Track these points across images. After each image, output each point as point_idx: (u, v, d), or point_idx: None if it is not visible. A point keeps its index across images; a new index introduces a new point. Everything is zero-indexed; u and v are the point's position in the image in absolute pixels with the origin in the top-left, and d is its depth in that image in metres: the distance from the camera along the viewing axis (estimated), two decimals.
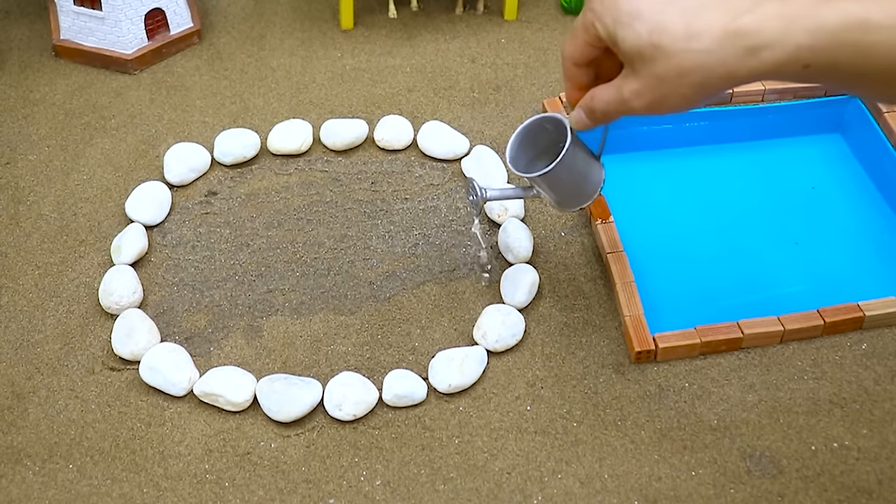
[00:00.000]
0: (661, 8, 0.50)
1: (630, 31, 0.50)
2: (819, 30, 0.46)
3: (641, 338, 0.74)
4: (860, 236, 0.87)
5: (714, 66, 0.48)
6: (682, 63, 0.49)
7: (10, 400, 0.72)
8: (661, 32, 0.49)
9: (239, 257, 0.83)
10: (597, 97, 0.57)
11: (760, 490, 0.67)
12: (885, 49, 0.44)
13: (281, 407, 0.70)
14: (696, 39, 0.48)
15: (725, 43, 0.48)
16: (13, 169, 0.92)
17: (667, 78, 0.50)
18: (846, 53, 0.45)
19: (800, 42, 0.46)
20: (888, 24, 0.44)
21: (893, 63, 0.45)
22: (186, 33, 1.06)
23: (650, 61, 0.50)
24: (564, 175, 0.66)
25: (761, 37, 0.47)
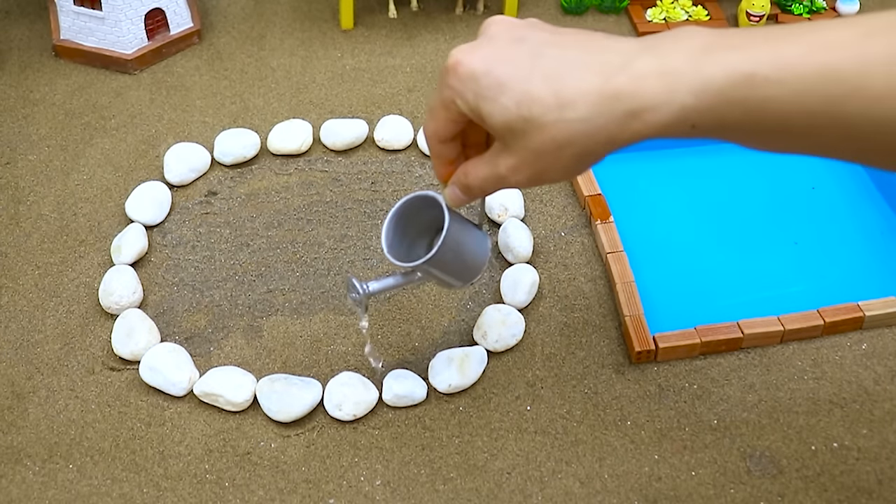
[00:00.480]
0: (524, 76, 0.45)
1: (496, 105, 0.46)
2: (704, 89, 0.42)
3: (641, 338, 0.74)
4: (860, 236, 0.87)
5: (593, 134, 0.44)
6: (558, 135, 0.44)
7: (10, 400, 0.72)
8: (530, 104, 0.44)
9: (239, 257, 0.83)
10: (471, 174, 0.52)
11: (760, 490, 0.67)
12: (775, 105, 0.41)
13: (281, 407, 0.70)
14: (569, 108, 0.44)
15: (603, 108, 0.43)
16: (13, 169, 0.92)
17: (544, 151, 0.46)
18: (735, 111, 0.42)
19: (685, 103, 0.42)
20: (777, 77, 0.41)
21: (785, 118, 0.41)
22: (186, 33, 1.06)
23: (523, 136, 0.46)
24: (448, 256, 0.60)
25: (642, 99, 0.43)
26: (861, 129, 0.41)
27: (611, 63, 0.44)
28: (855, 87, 0.40)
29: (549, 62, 0.45)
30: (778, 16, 1.14)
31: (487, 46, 0.47)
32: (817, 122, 0.41)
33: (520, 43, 0.47)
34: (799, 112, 0.41)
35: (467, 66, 0.46)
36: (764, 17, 1.09)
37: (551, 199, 0.88)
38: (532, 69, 0.45)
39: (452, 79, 0.47)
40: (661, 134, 0.44)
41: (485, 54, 0.47)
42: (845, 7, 1.14)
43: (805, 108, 0.41)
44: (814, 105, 0.41)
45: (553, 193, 0.89)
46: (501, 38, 0.48)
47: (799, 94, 0.41)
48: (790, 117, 0.41)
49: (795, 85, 0.41)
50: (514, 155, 0.48)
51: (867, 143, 0.42)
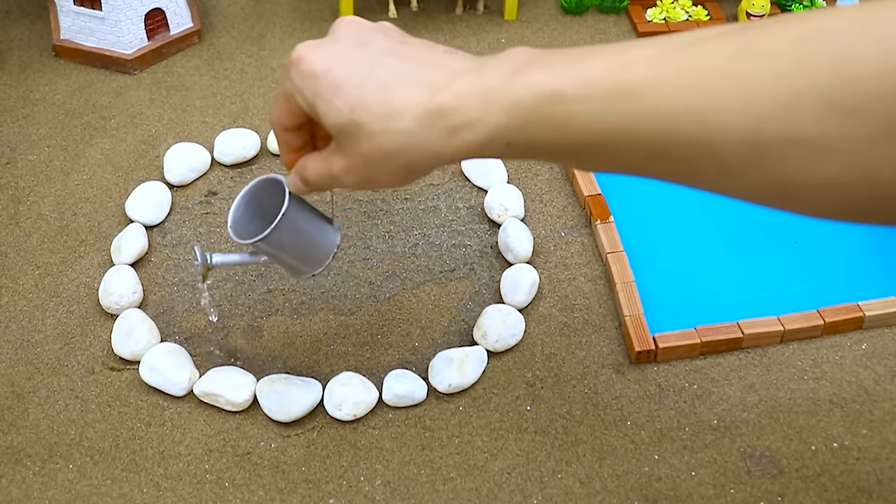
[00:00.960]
0: (360, 82, 0.46)
1: (331, 107, 0.47)
2: (514, 107, 0.43)
3: (641, 338, 0.74)
4: (860, 236, 0.87)
5: (417, 148, 0.46)
6: (384, 145, 0.46)
7: (10, 400, 0.72)
8: (361, 111, 0.46)
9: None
10: (309, 167, 0.54)
11: (760, 490, 0.67)
12: (580, 121, 0.42)
13: (281, 407, 0.70)
14: (396, 119, 0.45)
15: (426, 122, 0.45)
16: (13, 169, 0.92)
17: (372, 159, 0.47)
18: (543, 129, 0.43)
19: (498, 121, 0.43)
20: (579, 95, 0.41)
21: (590, 135, 0.42)
22: (186, 33, 1.06)
23: (354, 140, 0.47)
24: (286, 240, 0.61)
25: (460, 116, 0.44)
26: (660, 146, 0.41)
27: (438, 80, 0.45)
28: (651, 104, 0.40)
29: (385, 72, 0.46)
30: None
31: (332, 46, 0.49)
32: (620, 139, 0.42)
33: (363, 47, 0.48)
34: (602, 130, 0.42)
35: (308, 64, 0.48)
36: (764, 17, 1.09)
37: (551, 199, 0.88)
38: (368, 76, 0.46)
39: (294, 74, 0.49)
40: (481, 153, 0.46)
41: (327, 54, 0.48)
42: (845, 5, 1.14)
43: (607, 126, 0.41)
44: (615, 122, 0.41)
45: (553, 193, 0.89)
46: (347, 39, 0.49)
47: (600, 110, 0.41)
48: (594, 135, 0.42)
49: (597, 101, 0.41)
50: (346, 157, 0.49)
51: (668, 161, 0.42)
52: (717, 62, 0.39)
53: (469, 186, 0.90)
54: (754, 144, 0.39)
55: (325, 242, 0.65)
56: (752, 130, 0.38)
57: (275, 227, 0.59)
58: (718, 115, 0.39)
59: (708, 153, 0.40)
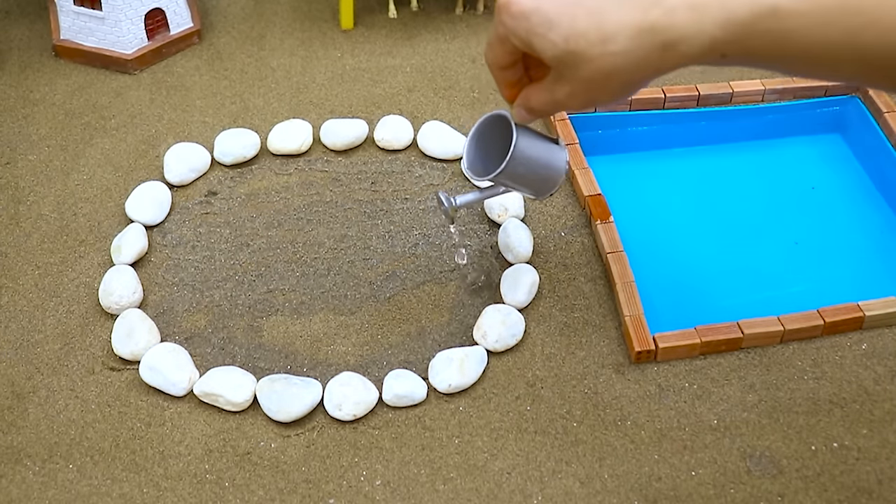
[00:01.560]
0: (571, 12, 0.49)
1: (546, 41, 0.50)
2: (730, 21, 0.45)
3: (641, 338, 0.74)
4: (860, 236, 0.87)
5: (635, 65, 0.48)
6: (604, 66, 0.49)
7: (10, 400, 0.72)
8: (576, 38, 0.48)
9: (239, 257, 0.83)
10: (533, 99, 0.57)
11: (760, 490, 0.67)
12: (798, 36, 0.44)
13: (281, 407, 0.70)
14: (611, 41, 0.48)
15: (641, 41, 0.47)
16: (13, 169, 0.92)
17: (593, 80, 0.50)
18: (760, 42, 0.45)
19: (714, 35, 0.46)
20: (798, 9, 0.44)
21: (808, 48, 0.44)
22: (186, 33, 1.06)
23: (573, 67, 0.50)
24: (521, 168, 0.65)
25: (675, 32, 0.46)
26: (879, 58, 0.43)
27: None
28: (872, 19, 0.42)
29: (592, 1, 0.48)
30: None
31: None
32: (838, 51, 0.44)
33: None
34: (820, 42, 0.44)
35: (517, 5, 0.50)
36: None
37: (551, 200, 0.88)
38: (577, 5, 0.48)
39: (505, 16, 0.51)
40: (696, 62, 0.48)
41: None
42: None
43: (826, 39, 0.44)
44: (834, 35, 0.43)
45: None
46: None
47: (820, 25, 0.44)
48: (812, 47, 0.44)
49: (817, 17, 0.44)
50: (568, 83, 0.52)
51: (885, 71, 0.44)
52: None
53: (469, 186, 0.90)
54: None
55: (556, 162, 0.68)
56: None
57: (508, 160, 0.63)
58: None
59: None
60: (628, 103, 0.94)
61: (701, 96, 0.95)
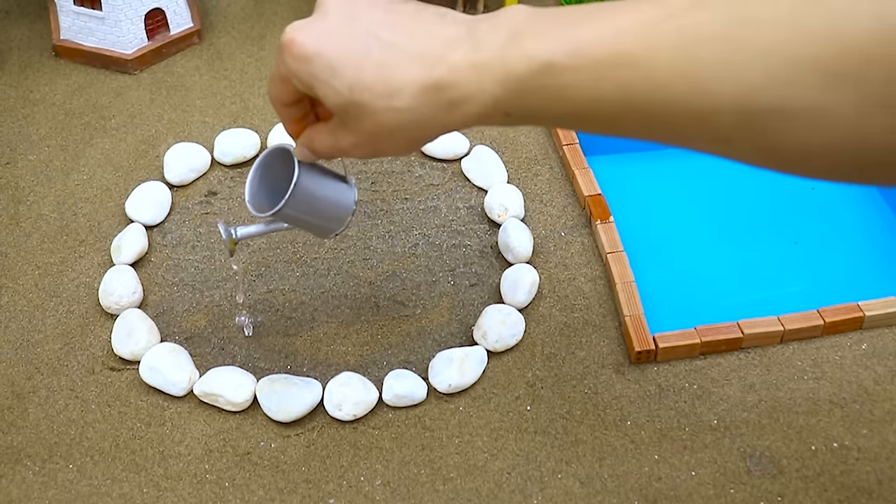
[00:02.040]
0: (357, 63, 0.46)
1: (329, 88, 0.47)
2: (508, 79, 0.44)
3: (641, 338, 0.74)
4: (860, 236, 0.87)
5: (420, 121, 0.47)
6: (388, 122, 0.47)
7: (10, 400, 0.72)
8: (361, 90, 0.46)
9: (239, 257, 0.83)
10: (316, 141, 0.54)
11: (760, 490, 0.67)
12: (573, 92, 0.42)
13: (281, 407, 0.70)
14: (396, 97, 0.46)
15: (426, 98, 0.45)
16: (13, 169, 0.92)
17: (378, 134, 0.48)
18: (538, 99, 0.44)
19: (495, 94, 0.44)
20: (572, 65, 0.42)
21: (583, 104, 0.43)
22: (186, 33, 1.06)
23: (356, 118, 0.48)
24: (303, 206, 0.62)
25: (458, 91, 0.45)
26: (654, 114, 0.41)
27: (433, 52, 0.45)
28: (644, 73, 0.40)
29: (380, 48, 0.46)
30: None
31: (321, 23, 0.48)
32: (614, 107, 0.42)
33: (353, 21, 0.47)
34: (596, 98, 0.42)
35: (300, 47, 0.48)
36: None
37: (551, 199, 0.88)
38: (364, 54, 0.46)
39: (287, 57, 0.49)
40: (482, 122, 0.47)
41: (318, 33, 0.48)
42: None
43: (601, 95, 0.42)
44: (609, 92, 0.42)
45: (553, 193, 0.89)
46: (336, 14, 0.48)
47: (594, 80, 0.42)
48: (589, 103, 0.43)
49: (591, 72, 0.42)
50: (352, 134, 0.50)
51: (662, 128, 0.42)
52: (710, 29, 0.39)
53: (469, 186, 0.90)
54: (745, 114, 0.39)
55: (342, 201, 0.65)
56: (744, 100, 0.38)
57: (289, 197, 0.60)
58: (711, 84, 0.39)
59: (700, 121, 0.40)
60: None
61: None
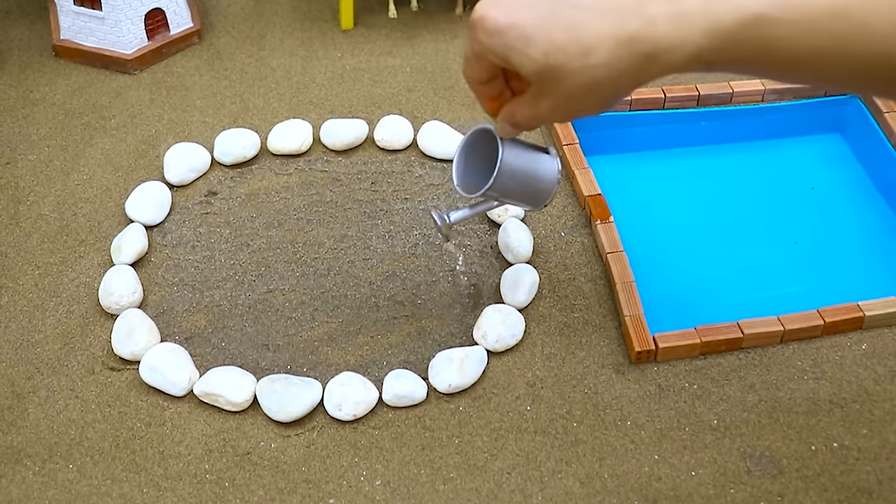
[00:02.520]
0: (548, 26, 0.47)
1: (524, 57, 0.48)
2: (716, 30, 0.44)
3: (641, 338, 0.74)
4: (860, 236, 0.87)
5: (617, 76, 0.47)
6: (585, 80, 0.47)
7: (10, 400, 0.72)
8: (556, 53, 0.47)
9: (239, 257, 0.83)
10: (517, 114, 0.55)
11: (760, 490, 0.67)
12: (785, 43, 0.43)
13: (281, 407, 0.70)
14: (592, 55, 0.46)
15: (622, 53, 0.46)
16: (13, 169, 0.92)
17: (576, 95, 0.49)
18: (747, 50, 0.44)
19: (699, 43, 0.44)
20: (785, 17, 0.43)
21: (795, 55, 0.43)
22: (186, 33, 1.06)
23: (554, 81, 0.49)
24: (510, 182, 0.64)
25: (657, 42, 0.45)
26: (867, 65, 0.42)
27: (625, 7, 0.45)
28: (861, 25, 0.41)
29: (569, 10, 0.47)
30: None
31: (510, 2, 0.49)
32: (826, 58, 0.43)
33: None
34: (808, 49, 0.43)
35: (492, 21, 0.48)
36: None
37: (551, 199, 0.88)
38: (553, 19, 0.47)
39: (480, 33, 0.49)
40: (681, 71, 0.47)
41: (507, 6, 0.48)
42: None
43: (814, 46, 0.43)
44: (822, 43, 0.42)
45: None
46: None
47: (807, 32, 0.42)
48: (800, 54, 0.43)
49: (804, 24, 0.42)
50: (550, 97, 0.50)
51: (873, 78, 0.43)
52: None
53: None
54: None
55: (546, 172, 0.66)
56: None
57: (496, 175, 0.62)
58: None
59: None
60: (628, 103, 0.94)
61: (701, 96, 0.95)
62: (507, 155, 0.63)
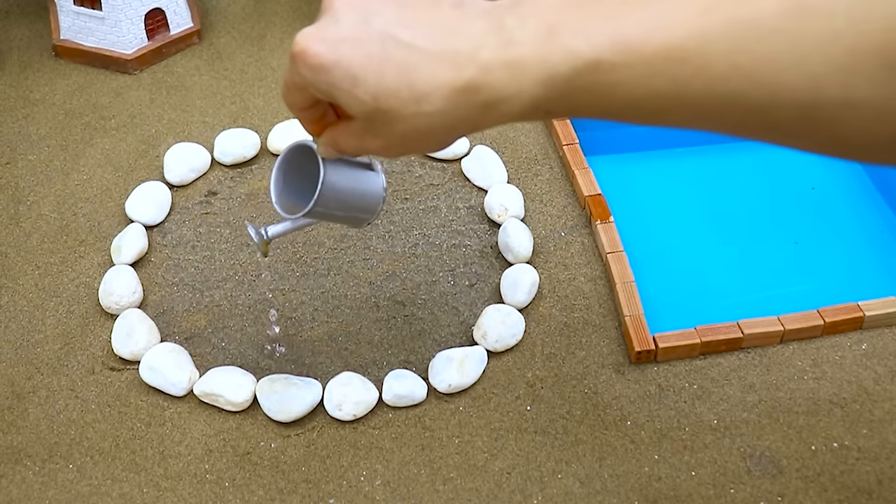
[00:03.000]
0: (377, 68, 0.43)
1: (351, 97, 0.45)
2: (552, 78, 0.41)
3: (641, 338, 0.74)
4: (860, 236, 0.87)
5: (453, 124, 0.44)
6: (420, 126, 0.45)
7: (10, 400, 0.72)
8: (386, 97, 0.44)
9: (239, 257, 0.83)
10: (341, 142, 0.52)
11: (760, 490, 0.67)
12: (623, 89, 0.41)
13: (281, 407, 0.70)
14: (425, 102, 0.43)
15: (458, 101, 0.43)
16: (13, 169, 0.92)
17: (408, 137, 0.46)
18: (585, 97, 0.42)
19: (535, 93, 0.42)
20: (622, 61, 0.40)
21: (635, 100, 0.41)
22: (186, 33, 1.06)
23: (384, 124, 0.46)
24: (332, 203, 0.60)
25: (493, 91, 0.42)
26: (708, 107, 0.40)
27: (460, 51, 0.42)
28: (699, 68, 0.39)
29: (399, 51, 0.43)
30: None
31: (333, 28, 0.45)
32: (666, 102, 0.41)
33: (367, 23, 0.44)
34: (647, 94, 0.41)
35: (315, 57, 0.44)
36: None
37: (551, 199, 0.88)
38: (383, 60, 0.43)
39: (302, 68, 0.45)
40: (519, 120, 0.45)
41: (332, 40, 0.44)
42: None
43: (653, 91, 0.40)
44: (661, 86, 0.40)
45: (553, 193, 0.89)
46: (347, 16, 0.45)
47: (644, 77, 0.40)
48: (639, 99, 0.41)
49: (641, 68, 0.40)
50: (380, 138, 0.47)
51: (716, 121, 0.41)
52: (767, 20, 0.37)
53: (469, 186, 0.90)
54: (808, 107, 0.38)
55: (371, 190, 0.63)
56: (807, 92, 0.37)
57: (318, 196, 0.58)
58: (770, 77, 0.38)
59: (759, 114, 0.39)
60: None
61: None
62: (330, 175, 0.58)
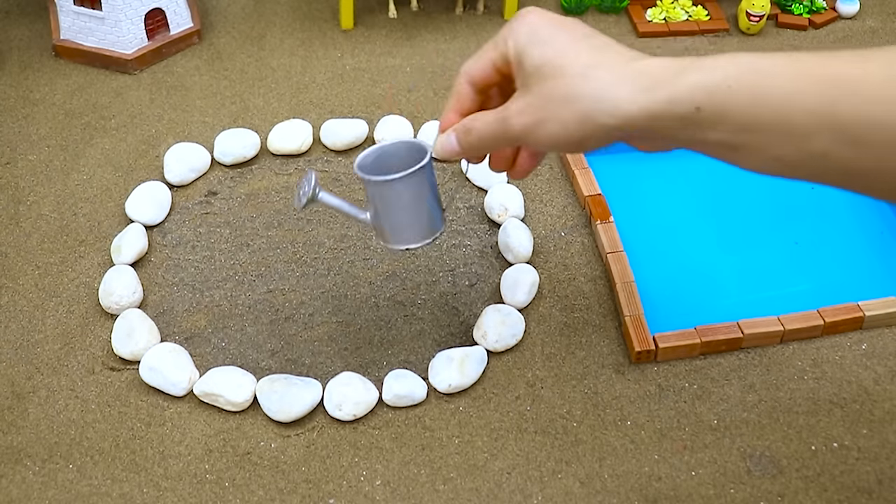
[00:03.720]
0: (574, 39, 0.51)
1: (539, 49, 0.51)
2: (714, 69, 0.46)
3: (641, 338, 0.74)
4: (860, 236, 0.87)
5: (603, 98, 0.48)
6: (575, 87, 0.49)
7: (10, 400, 0.72)
8: (567, 56, 0.50)
9: (239, 257, 0.83)
10: (478, 117, 0.56)
11: (760, 490, 0.67)
12: (779, 95, 0.44)
13: (281, 407, 0.70)
14: (599, 68, 0.49)
15: (624, 75, 0.48)
16: (13, 169, 0.92)
17: (553, 98, 0.50)
18: (741, 97, 0.45)
19: (696, 81, 0.46)
20: (779, 71, 0.45)
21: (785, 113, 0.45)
22: (186, 33, 1.06)
23: (546, 79, 0.51)
24: (404, 197, 0.60)
25: (657, 76, 0.48)
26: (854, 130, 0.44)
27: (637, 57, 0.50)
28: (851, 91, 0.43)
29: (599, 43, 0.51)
30: (778, 16, 1.14)
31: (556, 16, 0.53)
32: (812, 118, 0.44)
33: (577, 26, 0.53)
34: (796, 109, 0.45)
35: (534, 19, 0.53)
36: (764, 17, 1.09)
37: (551, 199, 0.88)
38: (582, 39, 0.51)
39: (517, 21, 0.53)
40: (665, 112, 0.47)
41: (553, 20, 0.53)
42: (845, 7, 1.14)
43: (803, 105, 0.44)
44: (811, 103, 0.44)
45: (553, 193, 0.89)
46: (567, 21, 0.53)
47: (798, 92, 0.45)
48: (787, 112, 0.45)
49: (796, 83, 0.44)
50: (527, 98, 0.52)
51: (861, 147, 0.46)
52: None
53: (469, 186, 0.90)
54: None
55: (430, 221, 0.64)
56: None
57: (404, 176, 0.58)
58: None
59: None
60: None
61: None
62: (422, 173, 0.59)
